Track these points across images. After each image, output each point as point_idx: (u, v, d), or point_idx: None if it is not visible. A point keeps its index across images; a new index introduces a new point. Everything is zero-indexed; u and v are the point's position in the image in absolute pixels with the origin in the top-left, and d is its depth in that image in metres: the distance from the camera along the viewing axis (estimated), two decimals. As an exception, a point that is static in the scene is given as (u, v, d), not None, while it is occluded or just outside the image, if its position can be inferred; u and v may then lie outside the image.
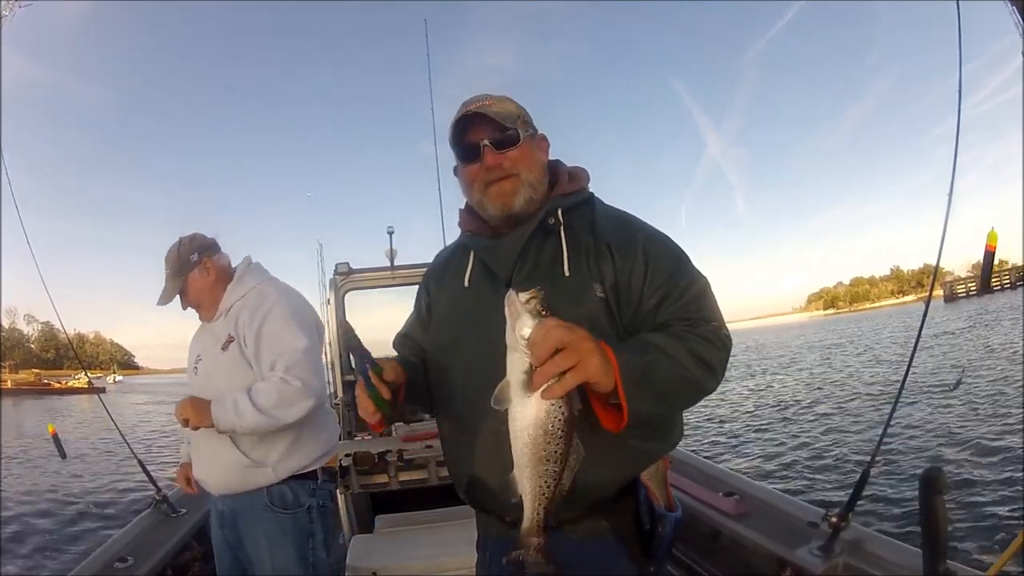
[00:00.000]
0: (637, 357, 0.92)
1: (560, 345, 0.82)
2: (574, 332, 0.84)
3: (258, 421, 1.65)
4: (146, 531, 2.63)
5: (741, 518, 2.36)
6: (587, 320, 1.00)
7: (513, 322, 0.85)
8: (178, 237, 1.92)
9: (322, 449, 1.85)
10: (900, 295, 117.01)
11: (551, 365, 0.81)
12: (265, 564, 1.74)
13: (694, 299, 1.05)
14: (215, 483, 1.80)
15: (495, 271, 1.15)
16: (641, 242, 1.09)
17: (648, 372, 0.92)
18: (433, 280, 1.32)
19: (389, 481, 2.92)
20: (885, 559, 1.87)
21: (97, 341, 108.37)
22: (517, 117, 1.14)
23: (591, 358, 0.84)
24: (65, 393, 35.39)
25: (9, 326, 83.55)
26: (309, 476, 1.81)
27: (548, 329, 0.82)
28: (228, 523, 1.82)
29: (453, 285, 1.23)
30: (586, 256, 1.09)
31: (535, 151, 1.17)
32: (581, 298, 1.06)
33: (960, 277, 58.07)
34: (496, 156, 1.11)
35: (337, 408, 4.01)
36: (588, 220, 1.14)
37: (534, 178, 1.14)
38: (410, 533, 2.61)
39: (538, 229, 1.13)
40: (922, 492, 1.44)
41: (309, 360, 1.74)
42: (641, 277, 1.06)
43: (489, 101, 1.13)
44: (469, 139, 1.13)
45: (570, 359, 0.82)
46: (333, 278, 4.29)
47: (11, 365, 58.21)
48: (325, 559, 1.81)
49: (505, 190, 1.12)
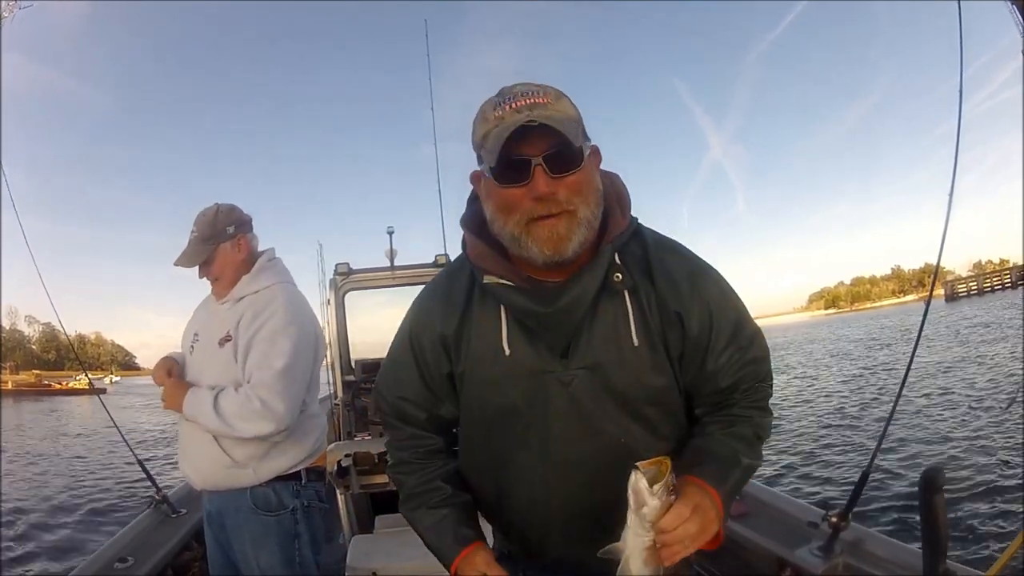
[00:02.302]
0: (729, 489, 0.88)
1: (691, 531, 0.78)
2: (702, 511, 0.80)
3: (215, 425, 1.65)
4: (146, 531, 2.63)
5: (741, 518, 2.36)
6: (660, 394, 0.93)
7: (637, 506, 0.80)
8: (215, 204, 1.87)
9: (306, 452, 1.82)
10: (901, 294, 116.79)
11: (682, 548, 0.78)
12: (252, 565, 1.74)
13: (754, 361, 0.97)
14: (198, 478, 1.79)
15: (545, 341, 0.91)
16: (708, 303, 0.93)
17: (734, 493, 0.91)
18: (451, 338, 0.97)
19: (389, 481, 2.91)
20: (885, 559, 1.87)
21: (98, 342, 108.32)
22: (578, 125, 0.87)
23: (711, 523, 0.81)
24: (65, 394, 35.38)
25: (10, 327, 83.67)
26: (293, 477, 1.79)
27: (684, 523, 0.78)
28: (215, 523, 1.81)
29: (486, 348, 0.94)
30: (650, 316, 0.91)
31: (594, 176, 0.90)
32: (654, 369, 0.92)
33: (961, 276, 58.21)
34: (552, 183, 0.83)
35: (337, 408, 4.02)
36: (641, 262, 0.93)
37: (591, 214, 0.87)
38: (410, 533, 2.56)
39: (603, 287, 0.89)
40: (922, 492, 1.44)
41: (281, 382, 1.66)
42: (706, 341, 0.92)
43: (544, 98, 0.85)
44: (519, 151, 0.83)
45: (699, 536, 0.79)
46: (333, 278, 4.29)
47: (12, 366, 58.18)
48: (312, 559, 1.80)
49: (559, 233, 0.84)
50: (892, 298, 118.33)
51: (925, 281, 18.14)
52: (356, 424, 3.81)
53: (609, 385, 0.91)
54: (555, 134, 0.82)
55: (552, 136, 0.82)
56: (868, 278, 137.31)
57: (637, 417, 0.93)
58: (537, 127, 0.81)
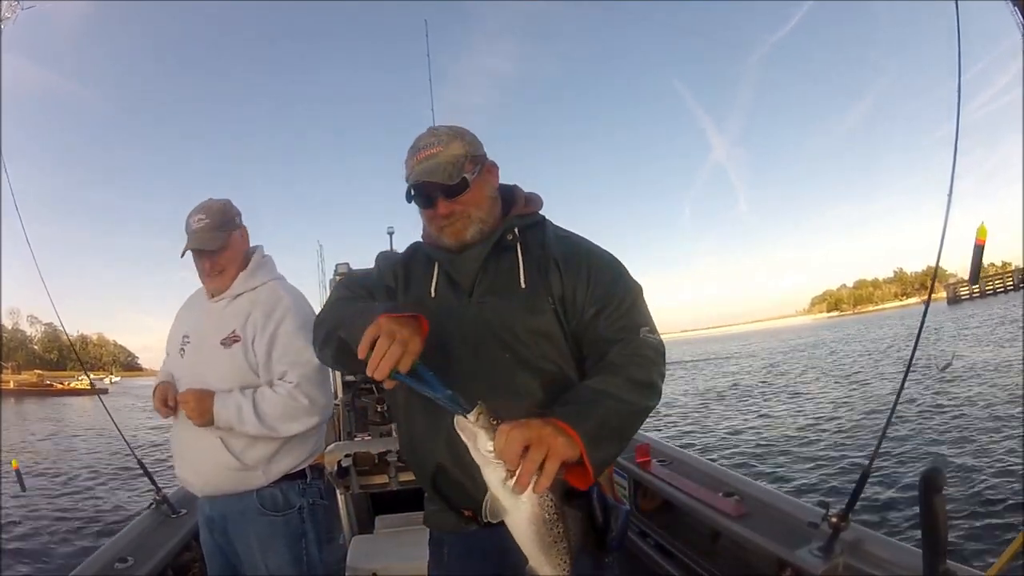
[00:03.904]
0: (589, 419, 0.99)
1: (526, 443, 0.88)
2: (531, 426, 0.91)
3: (258, 429, 1.64)
4: (146, 531, 2.62)
5: (741, 518, 2.36)
6: (541, 325, 1.16)
7: (473, 443, 0.92)
8: (208, 198, 1.84)
9: (310, 449, 1.82)
10: (904, 297, 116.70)
11: (529, 463, 0.88)
12: (259, 567, 1.72)
13: (628, 309, 1.17)
14: (202, 484, 1.76)
15: (458, 283, 1.23)
16: (584, 257, 1.21)
17: (602, 428, 1.00)
18: (400, 270, 1.33)
19: (389, 481, 2.92)
20: (885, 559, 1.87)
21: (100, 342, 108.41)
22: (464, 159, 1.20)
23: (556, 441, 0.91)
24: (67, 394, 35.44)
25: (12, 327, 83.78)
26: (298, 476, 1.79)
27: (509, 435, 0.89)
28: (218, 528, 1.78)
29: (419, 290, 1.27)
30: (538, 269, 1.20)
31: (484, 187, 1.25)
32: (536, 308, 1.17)
33: (963, 279, 57.98)
34: (448, 205, 1.20)
35: (337, 408, 4.02)
36: (540, 239, 1.25)
37: (484, 214, 1.23)
38: (410, 534, 2.61)
39: (497, 245, 1.22)
40: (922, 492, 1.44)
41: (319, 377, 1.73)
42: (584, 289, 1.17)
43: (437, 148, 1.20)
44: (423, 191, 1.21)
45: (541, 450, 0.89)
46: (333, 279, 4.30)
47: (14, 366, 58.19)
48: (318, 557, 1.80)
49: (458, 229, 1.21)
50: (895, 301, 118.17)
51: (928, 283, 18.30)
52: (356, 424, 3.82)
53: (500, 315, 1.17)
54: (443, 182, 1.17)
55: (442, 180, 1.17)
56: (870, 280, 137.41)
57: (521, 342, 1.15)
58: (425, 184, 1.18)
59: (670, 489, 2.85)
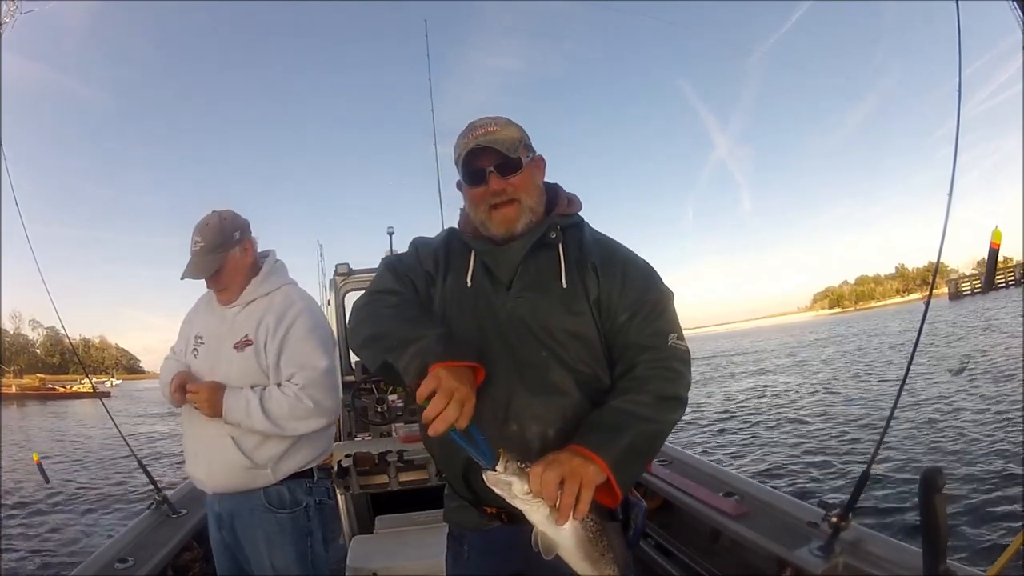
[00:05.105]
0: (616, 445, 1.02)
1: (560, 479, 0.94)
2: (561, 462, 0.96)
3: (264, 427, 1.67)
4: (146, 531, 2.62)
5: (741, 518, 2.36)
6: (579, 327, 1.17)
7: (508, 491, 0.96)
8: (212, 210, 1.85)
9: (320, 449, 1.85)
10: (905, 293, 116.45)
11: (567, 496, 0.94)
12: (265, 565, 1.75)
13: (659, 315, 1.19)
14: (213, 482, 1.80)
15: (497, 275, 1.22)
16: (620, 263, 1.22)
17: (628, 452, 1.04)
18: (440, 256, 1.30)
19: (389, 482, 2.92)
20: (885, 559, 1.87)
21: (103, 346, 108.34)
22: (519, 142, 1.22)
23: (587, 471, 0.97)
24: (69, 398, 35.45)
25: (14, 331, 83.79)
26: (305, 475, 1.81)
27: (544, 476, 0.94)
28: (226, 525, 1.81)
29: (455, 278, 1.26)
30: (577, 270, 1.20)
31: (535, 175, 1.26)
32: (574, 308, 1.18)
33: (965, 275, 57.93)
34: (500, 182, 1.20)
35: (337, 409, 4.02)
36: (578, 240, 1.25)
37: (533, 203, 1.24)
38: (410, 534, 2.61)
39: (539, 241, 1.22)
40: (922, 492, 1.43)
41: (326, 381, 1.75)
42: (619, 294, 1.18)
43: (494, 127, 1.21)
44: (476, 164, 1.20)
45: (575, 482, 0.94)
46: (333, 279, 4.31)
47: (16, 370, 58.23)
48: (324, 555, 1.82)
49: (509, 216, 1.21)
50: (896, 297, 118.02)
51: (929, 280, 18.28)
52: (356, 424, 3.82)
53: (538, 311, 1.17)
54: (498, 153, 1.18)
55: (498, 153, 1.18)
56: (872, 277, 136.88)
57: (557, 342, 1.16)
58: (484, 148, 1.18)
59: (670, 489, 2.85)
